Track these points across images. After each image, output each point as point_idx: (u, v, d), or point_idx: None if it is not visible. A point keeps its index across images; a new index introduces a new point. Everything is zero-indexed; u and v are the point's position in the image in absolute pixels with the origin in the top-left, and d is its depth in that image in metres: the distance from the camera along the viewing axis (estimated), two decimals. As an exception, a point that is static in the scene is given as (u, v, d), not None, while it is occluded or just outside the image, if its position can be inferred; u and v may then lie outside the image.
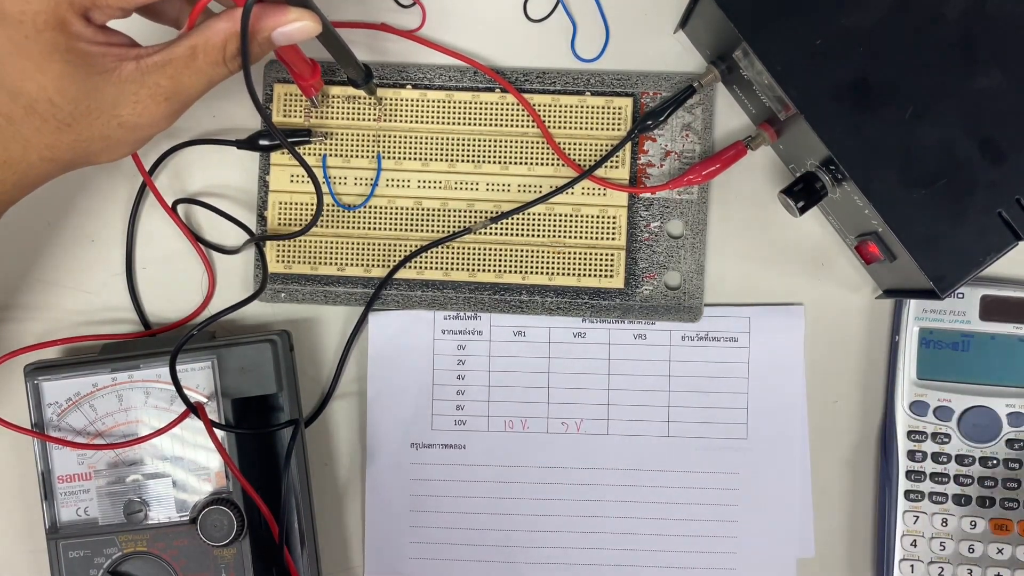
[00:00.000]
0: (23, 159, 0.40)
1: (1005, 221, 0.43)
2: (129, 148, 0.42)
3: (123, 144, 0.41)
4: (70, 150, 0.40)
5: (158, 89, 0.39)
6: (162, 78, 0.39)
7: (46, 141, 0.39)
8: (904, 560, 0.49)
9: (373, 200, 0.51)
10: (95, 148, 0.41)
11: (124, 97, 0.39)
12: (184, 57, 0.39)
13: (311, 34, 0.41)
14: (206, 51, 0.40)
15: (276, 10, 0.40)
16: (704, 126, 0.51)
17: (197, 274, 0.52)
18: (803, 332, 0.51)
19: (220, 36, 0.39)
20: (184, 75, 0.40)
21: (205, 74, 0.40)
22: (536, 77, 0.51)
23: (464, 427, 0.52)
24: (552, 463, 0.52)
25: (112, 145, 0.41)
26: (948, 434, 0.49)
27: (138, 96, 0.39)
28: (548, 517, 0.52)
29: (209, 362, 0.47)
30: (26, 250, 0.52)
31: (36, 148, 0.40)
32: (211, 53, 0.40)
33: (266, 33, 0.40)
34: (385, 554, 0.52)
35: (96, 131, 0.40)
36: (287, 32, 0.40)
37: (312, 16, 0.41)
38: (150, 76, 0.39)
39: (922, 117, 0.43)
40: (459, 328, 0.52)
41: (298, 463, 0.49)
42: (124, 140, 0.41)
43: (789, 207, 0.47)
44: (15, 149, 0.40)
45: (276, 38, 0.40)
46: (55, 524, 0.48)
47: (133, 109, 0.39)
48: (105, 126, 0.40)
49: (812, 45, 0.43)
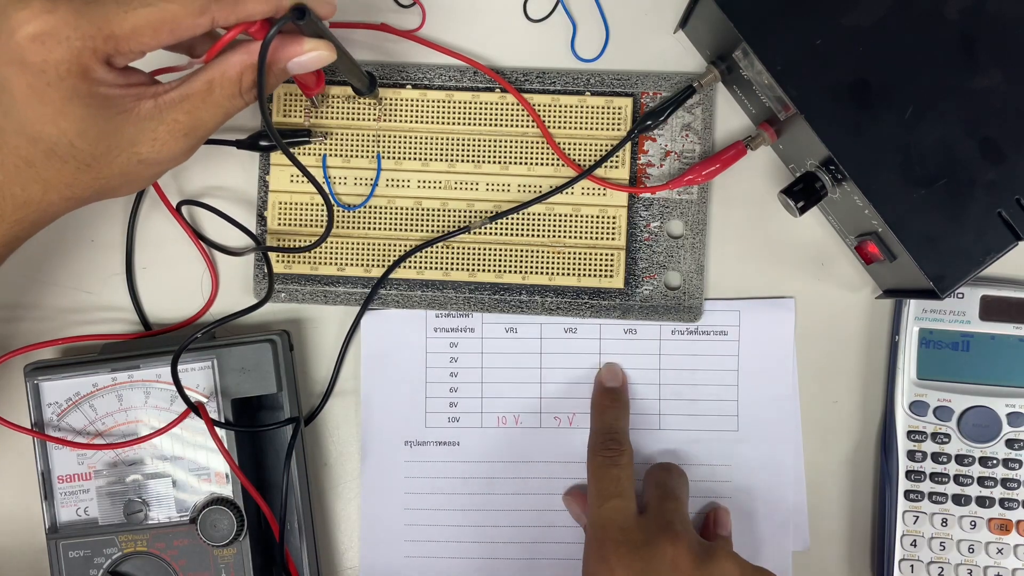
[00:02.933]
0: (43, 199, 0.40)
1: (1005, 221, 0.43)
2: (147, 182, 0.42)
3: (141, 180, 0.41)
4: (90, 188, 0.40)
5: (176, 125, 0.40)
6: (180, 114, 0.39)
7: (66, 181, 0.39)
8: (904, 560, 0.49)
9: (373, 200, 0.51)
10: (114, 184, 0.41)
11: (143, 135, 0.39)
12: (201, 92, 0.40)
13: (326, 63, 0.41)
14: (223, 85, 0.40)
15: (292, 41, 0.40)
16: (704, 126, 0.51)
17: (197, 274, 0.52)
18: (794, 324, 0.51)
19: (236, 69, 0.40)
20: (201, 110, 0.40)
21: (222, 107, 0.40)
22: (536, 77, 0.51)
23: (458, 424, 0.52)
24: (546, 458, 0.52)
25: (131, 181, 0.41)
26: (948, 434, 0.49)
27: (156, 133, 0.39)
28: (542, 512, 0.52)
29: (209, 362, 0.47)
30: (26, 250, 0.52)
31: (56, 188, 0.40)
32: (227, 87, 0.40)
33: (282, 64, 0.41)
34: (381, 553, 0.52)
35: (116, 169, 0.40)
36: (303, 62, 0.41)
37: (328, 46, 0.41)
38: (168, 113, 0.39)
39: (922, 117, 0.43)
40: (451, 326, 0.52)
41: (298, 462, 0.49)
42: (142, 176, 0.41)
43: (789, 207, 0.47)
44: (35, 190, 0.39)
45: (292, 68, 0.41)
46: (55, 524, 0.48)
47: (152, 146, 0.40)
48: (125, 164, 0.40)
49: (812, 45, 0.44)
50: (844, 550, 0.52)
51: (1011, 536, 0.49)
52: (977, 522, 0.49)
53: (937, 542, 0.49)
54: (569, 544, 0.52)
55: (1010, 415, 0.49)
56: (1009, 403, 0.49)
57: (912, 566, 0.49)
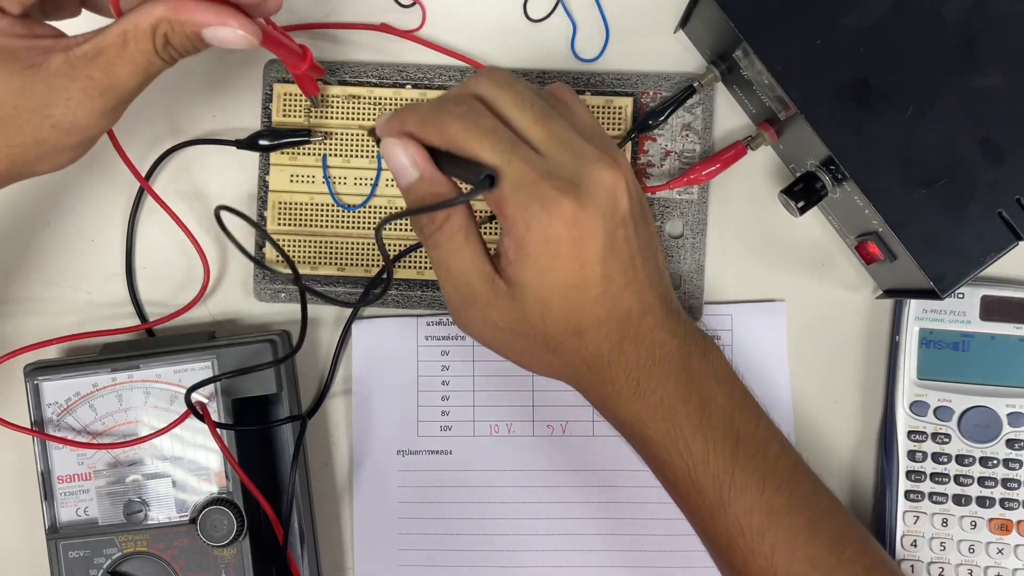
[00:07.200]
0: None
1: (1005, 221, 0.43)
2: (69, 154, 0.39)
3: (61, 150, 0.38)
4: (4, 158, 0.37)
5: (91, 83, 0.36)
6: (95, 71, 0.36)
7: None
8: (904, 560, 0.49)
9: (373, 200, 0.51)
10: (31, 155, 0.38)
11: (55, 94, 0.36)
12: (116, 45, 0.36)
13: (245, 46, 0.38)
14: (137, 38, 0.36)
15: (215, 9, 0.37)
16: (704, 126, 0.51)
17: (197, 274, 0.52)
18: (786, 328, 0.51)
19: (149, 20, 0.36)
20: (117, 65, 0.36)
21: (139, 64, 0.37)
22: (536, 77, 0.51)
23: (450, 433, 0.52)
24: (538, 466, 0.52)
25: (49, 151, 0.38)
26: (948, 434, 0.49)
27: (70, 92, 0.36)
28: (536, 520, 0.52)
29: (209, 362, 0.47)
30: (26, 250, 0.52)
31: None
32: (142, 40, 0.36)
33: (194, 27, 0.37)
34: (375, 562, 0.52)
35: (28, 135, 0.37)
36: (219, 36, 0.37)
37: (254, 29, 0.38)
38: (82, 69, 0.36)
39: (922, 117, 0.43)
40: (442, 334, 0.52)
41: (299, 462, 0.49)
42: (61, 144, 0.38)
43: (789, 207, 0.47)
44: None
45: (207, 36, 0.37)
46: (55, 524, 0.48)
47: (66, 107, 0.36)
48: (37, 129, 0.37)
49: (812, 45, 0.44)
50: (844, 550, 0.52)
51: (1011, 536, 0.49)
52: (977, 522, 0.49)
53: (937, 542, 0.49)
54: (563, 552, 0.51)
55: (1010, 415, 0.49)
56: (1009, 403, 0.49)
57: (912, 566, 0.49)
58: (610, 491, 0.51)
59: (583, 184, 0.39)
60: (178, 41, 0.37)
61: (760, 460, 0.41)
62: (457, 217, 0.40)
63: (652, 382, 0.41)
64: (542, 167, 0.39)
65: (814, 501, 0.42)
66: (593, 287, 0.40)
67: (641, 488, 0.51)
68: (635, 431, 0.43)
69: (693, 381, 0.42)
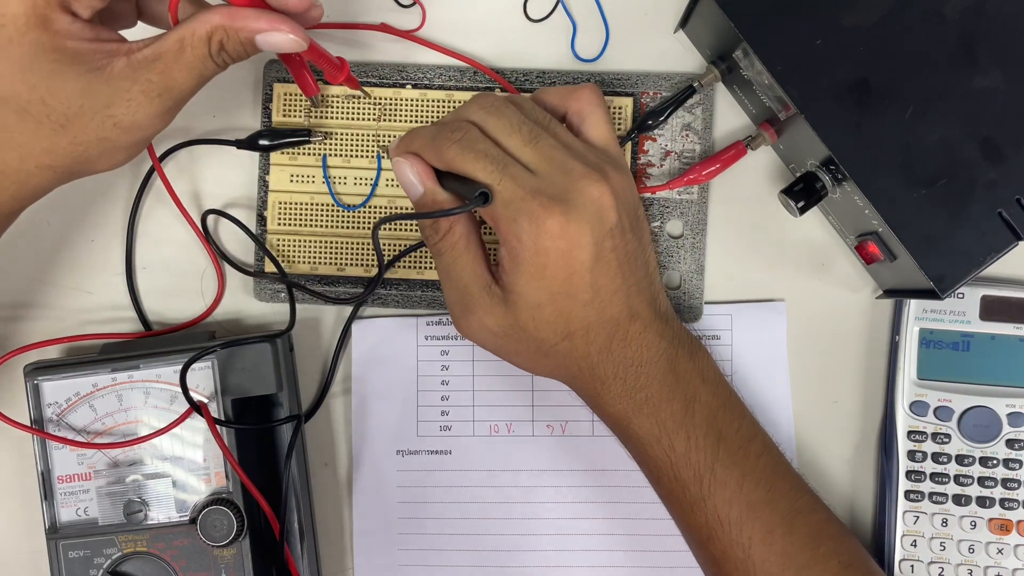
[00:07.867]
0: (20, 168, 0.39)
1: (1005, 221, 0.43)
2: (127, 153, 0.42)
3: (120, 148, 0.41)
4: (68, 155, 0.40)
5: (150, 85, 0.39)
6: (153, 74, 0.39)
7: (43, 146, 0.39)
8: (904, 560, 0.49)
9: (373, 200, 0.51)
10: (93, 152, 0.40)
11: (117, 95, 0.39)
12: (173, 51, 0.39)
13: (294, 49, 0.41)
14: (193, 45, 0.39)
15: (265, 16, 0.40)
16: (704, 126, 0.51)
17: (197, 274, 0.52)
18: (786, 328, 0.51)
19: (205, 28, 0.39)
20: (174, 70, 0.39)
21: (195, 68, 0.40)
22: (536, 77, 0.51)
23: (449, 432, 0.52)
24: (538, 466, 0.52)
25: (110, 149, 0.40)
26: (948, 434, 0.49)
27: (131, 93, 0.39)
28: (535, 520, 0.52)
29: (209, 362, 0.47)
30: (26, 250, 0.52)
31: (33, 155, 0.39)
32: (198, 47, 0.39)
33: (248, 34, 0.40)
34: (375, 562, 0.52)
35: (92, 133, 0.39)
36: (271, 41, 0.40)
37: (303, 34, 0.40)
38: (142, 72, 0.39)
39: (922, 117, 0.43)
40: (442, 334, 0.52)
41: (298, 461, 0.49)
42: (121, 143, 0.40)
43: (789, 207, 0.47)
44: (11, 158, 0.39)
45: (260, 43, 0.40)
46: (55, 524, 0.48)
47: (127, 107, 0.39)
48: (100, 127, 0.39)
49: (812, 45, 0.44)
50: (844, 550, 0.52)
51: (1011, 536, 0.49)
52: (977, 522, 0.49)
53: (937, 542, 0.49)
54: (564, 552, 0.51)
55: (1010, 415, 0.49)
56: (1009, 403, 0.49)
57: (912, 566, 0.49)
58: (610, 491, 0.52)
59: (571, 199, 0.42)
60: (232, 47, 0.40)
61: (741, 457, 0.43)
62: (458, 228, 0.44)
63: (639, 381, 0.44)
64: (532, 185, 0.42)
65: (793, 498, 0.44)
66: (582, 294, 0.43)
67: (640, 488, 0.51)
68: (622, 427, 0.45)
69: (679, 381, 0.44)
